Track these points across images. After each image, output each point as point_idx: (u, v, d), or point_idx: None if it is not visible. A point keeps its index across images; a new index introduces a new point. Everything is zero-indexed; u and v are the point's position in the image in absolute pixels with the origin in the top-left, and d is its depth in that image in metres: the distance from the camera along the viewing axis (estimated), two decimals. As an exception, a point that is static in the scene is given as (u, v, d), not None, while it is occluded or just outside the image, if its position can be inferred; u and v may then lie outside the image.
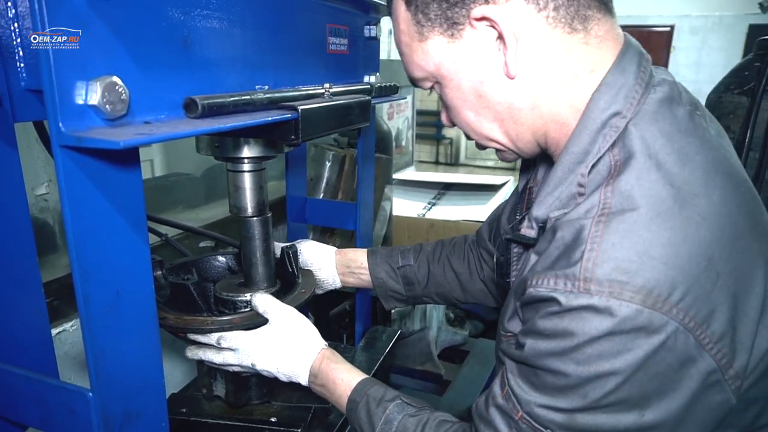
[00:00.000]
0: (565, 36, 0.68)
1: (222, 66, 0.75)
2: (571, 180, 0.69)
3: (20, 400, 0.70)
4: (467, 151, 9.55)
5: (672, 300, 0.58)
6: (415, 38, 0.74)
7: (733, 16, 7.85)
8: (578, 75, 0.69)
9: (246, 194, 0.99)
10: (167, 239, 1.37)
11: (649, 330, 0.58)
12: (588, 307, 0.59)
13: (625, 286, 0.58)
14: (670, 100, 0.69)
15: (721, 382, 0.62)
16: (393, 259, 1.22)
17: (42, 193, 1.51)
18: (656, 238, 0.59)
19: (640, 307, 0.57)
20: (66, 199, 0.55)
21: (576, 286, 0.60)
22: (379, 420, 0.85)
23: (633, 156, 0.64)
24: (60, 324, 1.37)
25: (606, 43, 0.70)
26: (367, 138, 1.43)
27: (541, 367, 0.65)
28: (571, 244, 0.63)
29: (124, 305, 0.64)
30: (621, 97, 0.67)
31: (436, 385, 2.31)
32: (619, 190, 0.62)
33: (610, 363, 0.59)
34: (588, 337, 0.59)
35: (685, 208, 0.60)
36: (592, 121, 0.68)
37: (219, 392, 1.10)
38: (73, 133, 0.53)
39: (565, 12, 0.67)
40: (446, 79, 0.75)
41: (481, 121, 0.76)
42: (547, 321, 0.63)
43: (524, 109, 0.72)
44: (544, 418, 0.65)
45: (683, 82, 0.76)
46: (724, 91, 1.78)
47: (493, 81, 0.71)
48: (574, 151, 0.69)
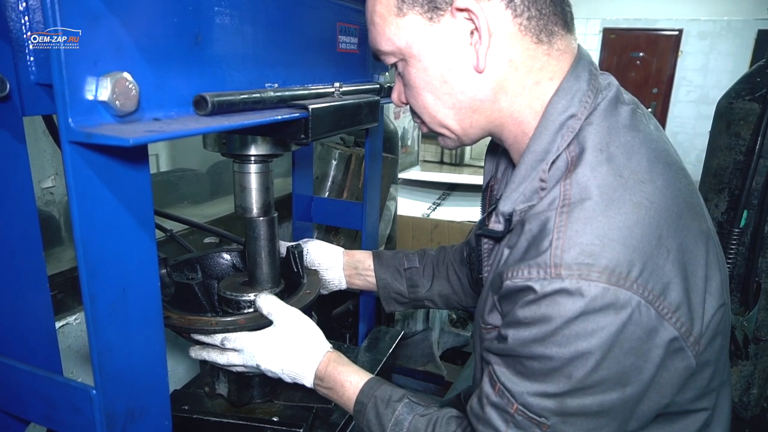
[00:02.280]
0: (531, 45, 0.74)
1: (232, 63, 0.75)
2: (533, 176, 0.75)
3: (24, 395, 0.70)
4: (472, 152, 9.53)
5: (632, 276, 0.63)
6: (392, 11, 0.75)
7: (742, 21, 7.80)
8: (539, 81, 0.76)
9: (252, 195, 0.99)
10: (172, 235, 1.37)
11: (617, 306, 0.63)
12: (561, 291, 0.64)
13: (592, 267, 0.63)
14: (616, 101, 0.76)
15: (684, 349, 0.67)
16: (399, 261, 1.23)
17: (48, 186, 1.51)
18: (612, 222, 0.65)
19: (606, 285, 0.63)
20: (74, 195, 0.55)
21: (548, 272, 0.65)
22: (389, 421, 0.85)
23: (586, 151, 0.71)
24: (64, 317, 1.37)
25: (565, 55, 0.77)
26: (375, 138, 1.42)
27: (526, 355, 0.68)
28: (538, 234, 0.68)
29: (130, 303, 0.63)
30: (576, 101, 0.74)
31: (437, 386, 2.30)
32: (576, 182, 0.69)
33: (587, 341, 0.64)
34: (564, 319, 0.64)
35: (634, 194, 0.67)
36: (551, 122, 0.75)
37: (221, 391, 1.10)
38: (82, 129, 0.53)
39: (536, 23, 0.73)
40: (414, 59, 0.77)
41: (438, 105, 0.79)
42: (525, 310, 0.67)
43: (485, 101, 0.77)
44: (538, 406, 0.69)
45: (691, 86, 0.82)
46: (735, 98, 1.76)
47: (461, 71, 0.75)
48: (536, 150, 0.75)
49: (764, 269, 1.75)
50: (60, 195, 1.57)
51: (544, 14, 0.73)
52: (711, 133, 1.88)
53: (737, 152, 1.73)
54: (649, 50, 8.44)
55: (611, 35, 8.56)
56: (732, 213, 1.74)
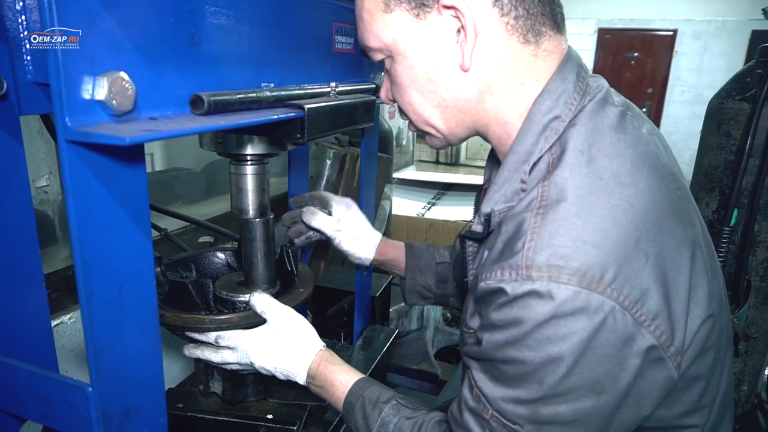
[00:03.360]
0: (518, 45, 0.73)
1: (228, 63, 0.75)
2: (515, 178, 0.74)
3: (20, 393, 0.70)
4: (467, 152, 9.55)
5: (605, 280, 0.62)
6: (380, 7, 0.75)
7: (736, 22, 7.85)
8: (524, 82, 0.75)
9: (248, 196, 0.99)
10: (167, 234, 1.37)
11: (588, 311, 0.61)
12: (531, 293, 0.63)
13: (562, 269, 0.62)
14: (603, 102, 0.75)
15: (663, 359, 0.66)
16: (431, 256, 1.23)
17: (42, 185, 1.51)
18: (587, 224, 0.64)
19: (577, 289, 0.61)
20: (71, 194, 0.55)
21: (519, 274, 0.64)
22: (375, 422, 0.86)
23: (566, 152, 0.69)
24: (58, 316, 1.37)
25: (552, 56, 0.76)
26: (370, 137, 1.43)
27: (500, 358, 0.67)
28: (513, 236, 0.68)
29: (126, 301, 0.64)
30: (561, 102, 0.73)
31: (432, 385, 2.31)
32: (554, 183, 0.68)
33: (558, 346, 0.62)
34: (535, 322, 0.63)
35: (612, 197, 0.66)
36: (535, 124, 0.74)
37: (216, 389, 1.10)
38: (79, 128, 0.53)
39: (523, 23, 0.72)
40: (401, 56, 0.76)
41: (424, 104, 0.79)
42: (498, 312, 0.67)
43: (470, 101, 0.76)
44: (511, 413, 0.68)
45: (685, 86, 0.80)
46: (725, 98, 1.78)
47: (446, 69, 0.74)
48: (519, 151, 0.74)
49: (754, 267, 1.77)
50: (54, 194, 1.56)
51: (531, 14, 0.72)
52: (702, 133, 1.89)
53: (728, 151, 1.75)
54: (643, 50, 8.48)
55: (606, 35, 8.59)
56: (722, 212, 1.76)
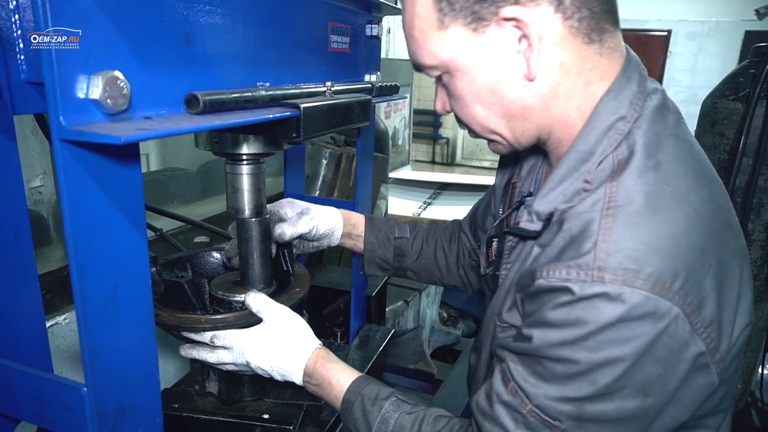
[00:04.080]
0: (583, 46, 0.71)
1: (223, 62, 0.75)
2: (576, 177, 0.72)
3: (15, 393, 0.70)
4: (463, 151, 9.56)
5: (675, 287, 0.62)
6: (433, 25, 0.72)
7: (730, 22, 7.90)
8: (590, 82, 0.73)
9: (244, 196, 0.99)
10: (162, 234, 1.37)
11: (656, 316, 0.61)
12: (601, 295, 0.62)
13: (637, 274, 0.62)
14: (663, 108, 0.75)
15: (708, 366, 0.66)
16: (390, 229, 1.24)
17: (37, 185, 1.51)
18: (659, 230, 0.64)
19: (648, 294, 0.61)
20: (65, 193, 0.55)
21: (590, 275, 0.63)
22: (376, 419, 0.85)
23: (635, 155, 0.69)
24: (53, 317, 1.36)
25: (615, 54, 0.74)
26: (366, 137, 1.43)
27: (550, 357, 0.67)
28: (579, 235, 0.66)
29: (120, 300, 0.64)
30: (626, 102, 0.72)
31: (428, 384, 2.32)
32: (623, 185, 0.67)
33: (620, 348, 0.62)
34: (600, 324, 0.62)
35: (681, 204, 0.66)
36: (600, 123, 0.72)
37: (211, 389, 1.10)
38: (73, 127, 0.53)
39: (587, 23, 0.70)
40: (460, 72, 0.74)
41: (489, 116, 0.77)
42: (557, 312, 0.66)
43: (536, 109, 0.75)
44: (554, 409, 0.67)
45: (679, 86, 0.82)
46: (719, 97, 1.79)
47: (510, 80, 0.72)
48: (581, 149, 0.73)
49: (748, 267, 1.78)
50: (48, 194, 1.56)
51: (595, 13, 0.70)
52: (696, 133, 1.91)
53: (721, 151, 1.76)
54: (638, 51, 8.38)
55: (601, 36, 8.63)
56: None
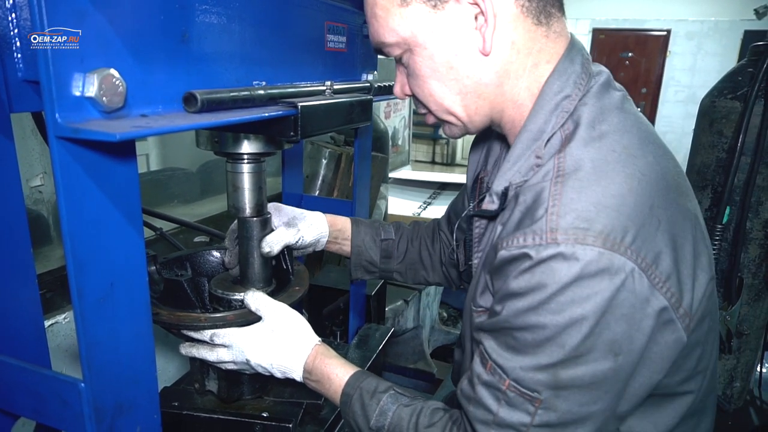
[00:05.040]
0: (532, 26, 0.76)
1: (219, 61, 0.75)
2: (528, 154, 0.77)
3: (13, 389, 0.70)
4: (463, 151, 9.56)
5: (626, 242, 0.64)
6: (395, 2, 0.76)
7: (729, 22, 7.90)
8: (537, 64, 0.78)
9: (245, 195, 0.99)
10: (162, 233, 1.38)
11: (611, 271, 0.64)
12: (556, 256, 0.64)
13: (587, 231, 0.64)
14: (607, 86, 0.80)
15: (673, 321, 0.68)
16: (375, 232, 1.25)
17: (36, 184, 1.51)
18: (606, 190, 0.67)
19: (601, 250, 0.64)
20: (62, 190, 0.56)
21: (543, 238, 0.66)
22: (374, 412, 0.86)
23: (579, 128, 0.73)
24: (53, 316, 1.37)
25: (561, 38, 0.80)
26: (365, 137, 1.43)
27: (519, 326, 0.69)
28: (532, 204, 0.70)
29: (117, 297, 0.64)
30: (571, 82, 0.77)
31: (428, 384, 2.32)
32: (570, 155, 0.71)
33: (581, 307, 0.64)
34: (559, 285, 0.64)
35: (627, 167, 0.69)
36: (547, 102, 0.77)
37: (211, 387, 1.11)
38: (69, 124, 0.53)
39: (536, 5, 0.75)
40: (420, 47, 0.78)
41: (445, 92, 0.81)
42: (520, 279, 0.68)
43: (490, 85, 0.79)
44: (530, 380, 0.69)
45: (678, 86, 0.85)
46: (717, 96, 1.79)
47: (467, 55, 0.77)
48: (531, 129, 0.77)
49: (746, 264, 1.78)
50: (49, 194, 1.56)
51: None
52: (695, 132, 1.91)
53: (720, 150, 1.76)
54: (637, 50, 8.52)
55: (600, 35, 8.63)
56: (715, 209, 1.77)
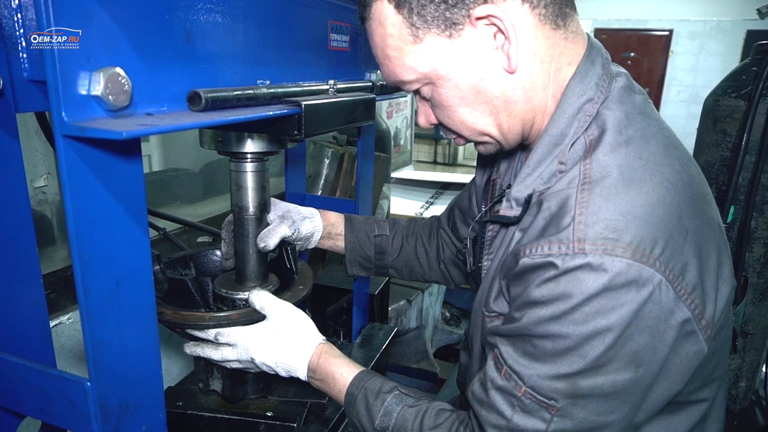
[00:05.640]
0: (551, 32, 0.74)
1: (224, 60, 0.75)
2: (550, 160, 0.75)
3: (19, 389, 0.70)
4: (465, 151, 9.55)
5: (655, 253, 0.63)
6: (408, 41, 0.74)
7: (731, 22, 7.88)
8: (560, 68, 0.76)
9: (248, 193, 1.00)
10: (165, 233, 1.38)
11: (639, 283, 0.62)
12: (584, 266, 0.63)
13: (617, 242, 0.63)
14: (629, 88, 0.77)
15: (696, 332, 0.67)
16: (369, 227, 1.24)
17: (40, 185, 1.51)
18: (635, 200, 0.65)
19: (630, 261, 0.62)
20: (68, 189, 0.56)
21: (570, 248, 0.64)
22: (378, 412, 0.86)
23: (605, 133, 0.72)
24: (57, 317, 1.37)
25: (578, 37, 0.78)
26: (367, 136, 1.43)
27: (539, 334, 0.67)
28: (557, 212, 0.68)
29: (123, 296, 0.64)
30: (592, 84, 0.75)
31: (431, 384, 2.32)
32: (597, 161, 0.69)
33: (607, 318, 0.63)
34: (585, 295, 0.63)
35: (655, 175, 0.67)
36: (570, 106, 0.75)
37: (215, 387, 1.11)
38: (75, 123, 0.53)
39: (552, 9, 0.73)
40: (443, 79, 0.75)
41: (476, 117, 0.79)
42: (543, 288, 0.66)
43: (519, 101, 0.77)
44: (548, 388, 0.67)
45: (681, 86, 0.83)
46: (721, 95, 1.79)
47: (493, 76, 0.74)
48: (553, 133, 0.75)
49: (751, 264, 1.78)
50: (52, 194, 1.57)
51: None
52: (698, 130, 1.90)
53: (724, 148, 1.76)
54: (640, 50, 8.51)
55: (603, 35, 8.61)
56: (719, 208, 1.77)
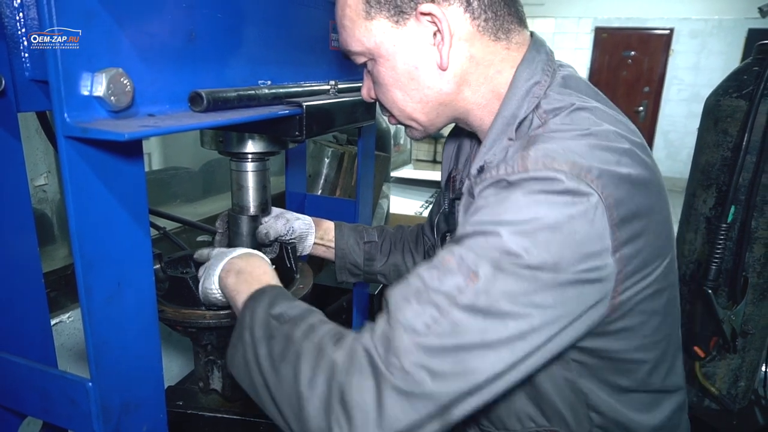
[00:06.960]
0: (490, 42, 0.81)
1: (225, 60, 0.75)
2: (502, 138, 0.80)
3: (21, 389, 0.70)
4: (465, 151, 9.55)
5: (591, 175, 0.65)
6: (361, 15, 0.80)
7: (733, 20, 7.87)
8: (501, 71, 0.83)
9: (249, 193, 1.00)
10: (165, 233, 1.38)
11: (576, 194, 0.63)
12: (528, 178, 0.65)
13: (555, 160, 0.65)
14: (575, 77, 0.84)
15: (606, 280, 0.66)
16: (359, 235, 1.27)
17: (41, 184, 1.51)
18: (575, 143, 0.68)
19: (568, 172, 0.64)
20: (69, 189, 0.56)
21: (515, 168, 0.66)
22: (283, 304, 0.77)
23: (551, 112, 0.76)
24: (57, 315, 1.37)
25: (523, 47, 0.84)
26: (368, 136, 1.43)
27: (477, 232, 0.65)
28: (503, 157, 0.72)
29: (125, 296, 0.64)
30: (539, 69, 0.81)
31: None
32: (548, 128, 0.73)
33: (540, 213, 0.63)
34: (524, 194, 0.64)
35: (598, 137, 0.70)
36: (518, 89, 0.81)
37: (215, 386, 1.11)
38: (78, 123, 0.54)
39: (493, 24, 0.80)
40: (383, 58, 0.82)
41: (406, 100, 0.85)
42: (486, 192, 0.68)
43: (450, 93, 0.83)
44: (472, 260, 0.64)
45: (681, 85, 0.83)
46: (722, 95, 1.79)
47: (426, 69, 0.81)
48: (504, 115, 0.81)
49: (751, 264, 1.78)
50: (53, 193, 1.57)
51: (499, 15, 0.80)
52: (699, 130, 1.90)
53: (725, 149, 1.75)
54: (640, 49, 8.49)
55: (603, 34, 8.60)
56: (720, 208, 1.77)
